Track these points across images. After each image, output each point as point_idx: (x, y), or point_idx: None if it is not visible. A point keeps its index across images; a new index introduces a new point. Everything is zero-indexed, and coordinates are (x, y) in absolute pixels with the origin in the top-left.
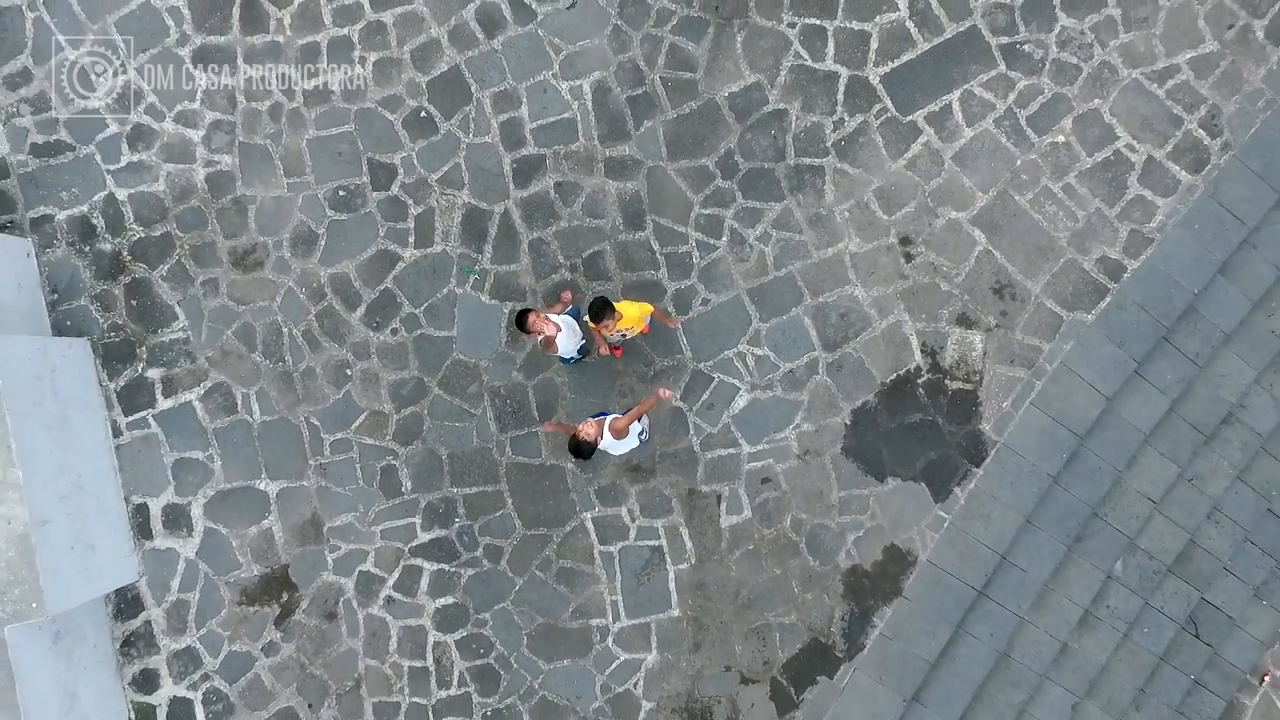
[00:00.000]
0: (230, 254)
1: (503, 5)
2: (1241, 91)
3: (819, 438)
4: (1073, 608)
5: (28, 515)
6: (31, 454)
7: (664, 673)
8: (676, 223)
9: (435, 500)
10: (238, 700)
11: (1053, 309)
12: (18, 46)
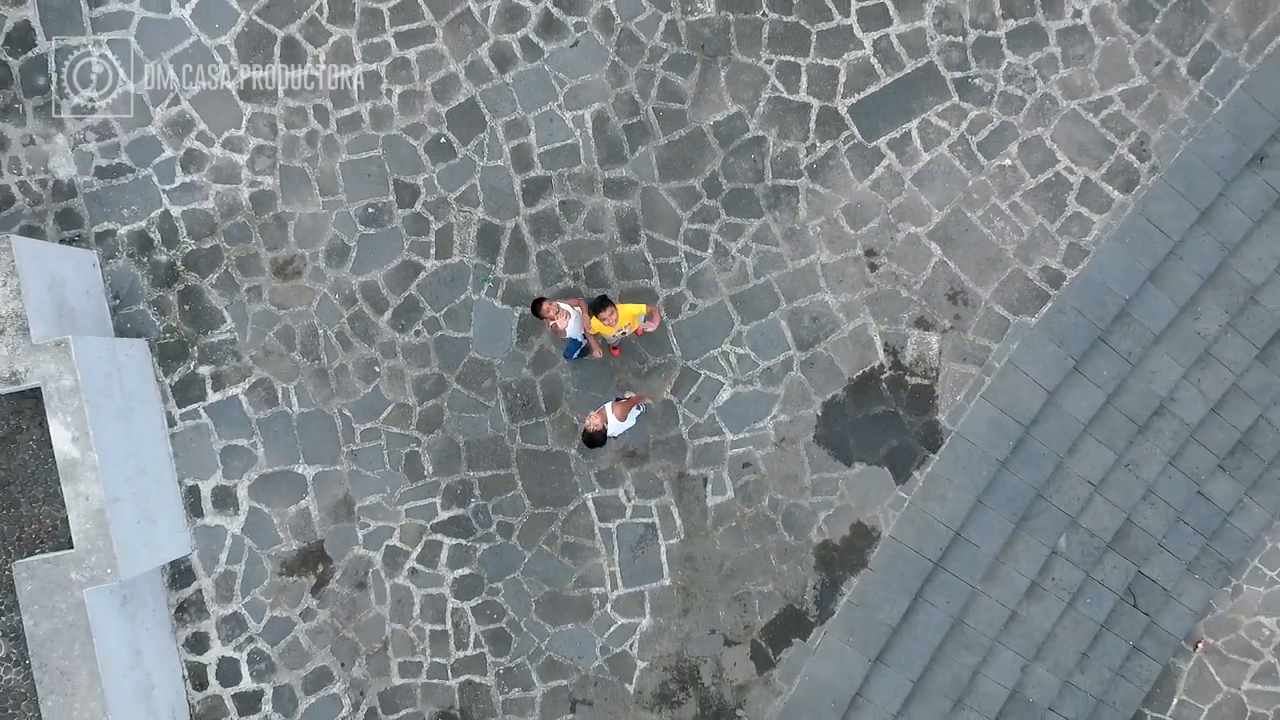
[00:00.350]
0: (272, 264)
1: (513, 44)
2: (1167, 120)
3: (793, 427)
4: (1020, 579)
5: (103, 493)
6: (104, 440)
7: (656, 635)
8: (667, 237)
9: (453, 482)
10: (278, 660)
11: (1000, 313)
12: (85, 80)
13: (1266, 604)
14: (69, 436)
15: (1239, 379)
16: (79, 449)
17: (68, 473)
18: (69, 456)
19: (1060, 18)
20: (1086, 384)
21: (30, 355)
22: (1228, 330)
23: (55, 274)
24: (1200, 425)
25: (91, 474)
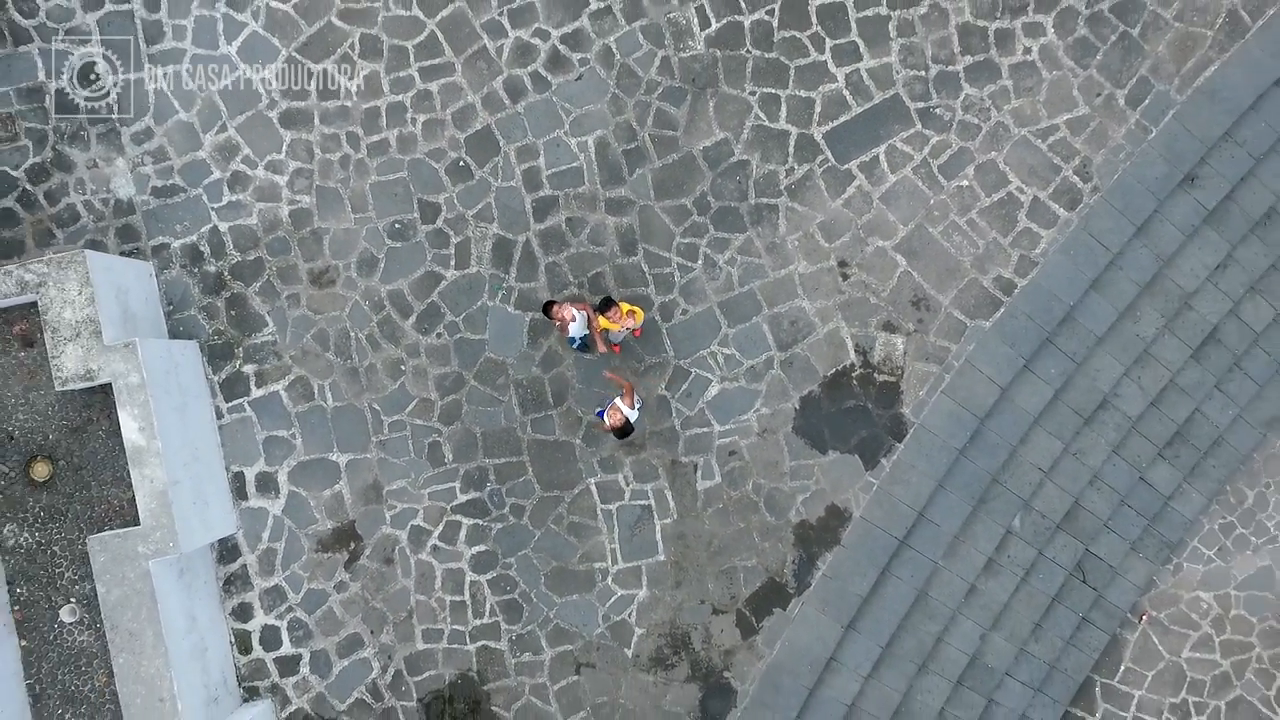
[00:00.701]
0: (309, 274)
1: (524, 77)
2: (1107, 146)
3: (774, 419)
4: (978, 556)
5: (165, 477)
6: (165, 430)
7: (652, 605)
8: (661, 249)
9: (471, 469)
10: (315, 628)
11: (959, 317)
12: (143, 109)
13: (1204, 580)
14: (136, 427)
15: (1175, 376)
16: (145, 438)
17: (135, 458)
18: (136, 444)
19: (1012, 54)
20: (1036, 381)
21: (102, 355)
22: (1164, 333)
23: (120, 283)
24: (1140, 418)
25: (155, 460)
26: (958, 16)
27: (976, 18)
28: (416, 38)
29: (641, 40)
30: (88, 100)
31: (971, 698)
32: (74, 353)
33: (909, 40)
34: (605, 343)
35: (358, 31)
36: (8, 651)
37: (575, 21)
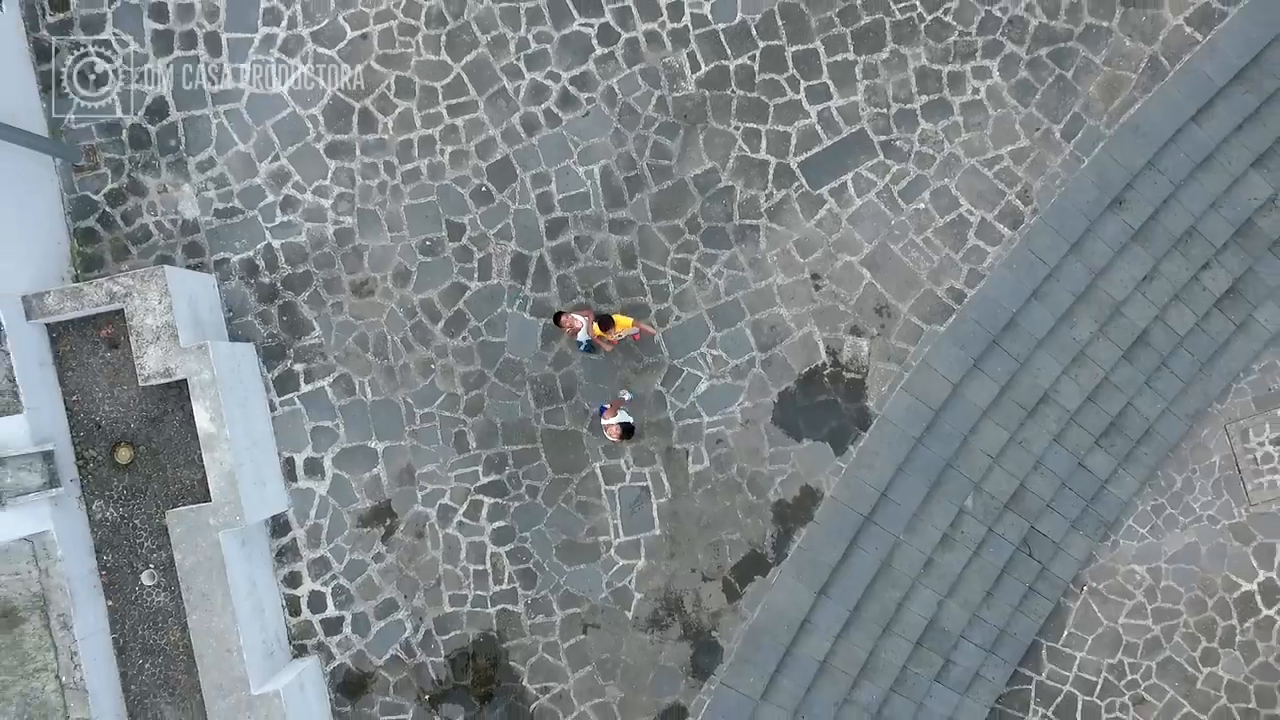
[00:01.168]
0: (350, 285)
1: (539, 114)
2: (1045, 173)
3: (755, 411)
4: (935, 531)
5: (232, 459)
6: (231, 420)
7: (649, 573)
8: (658, 264)
9: (492, 454)
10: (355, 593)
11: (916, 323)
12: (206, 141)
13: (1138, 555)
14: (208, 417)
15: (1109, 374)
16: (215, 426)
17: (207, 444)
18: (208, 432)
19: (962, 94)
20: (984, 378)
21: (179, 356)
22: (1098, 336)
23: (190, 294)
24: (1078, 411)
25: (224, 445)
26: (915, 61)
27: (931, 62)
28: (444, 79)
29: (640, 82)
30: (159, 134)
31: (930, 657)
32: (155, 353)
33: (873, 82)
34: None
35: (393, 74)
36: (97, 610)
37: (583, 65)
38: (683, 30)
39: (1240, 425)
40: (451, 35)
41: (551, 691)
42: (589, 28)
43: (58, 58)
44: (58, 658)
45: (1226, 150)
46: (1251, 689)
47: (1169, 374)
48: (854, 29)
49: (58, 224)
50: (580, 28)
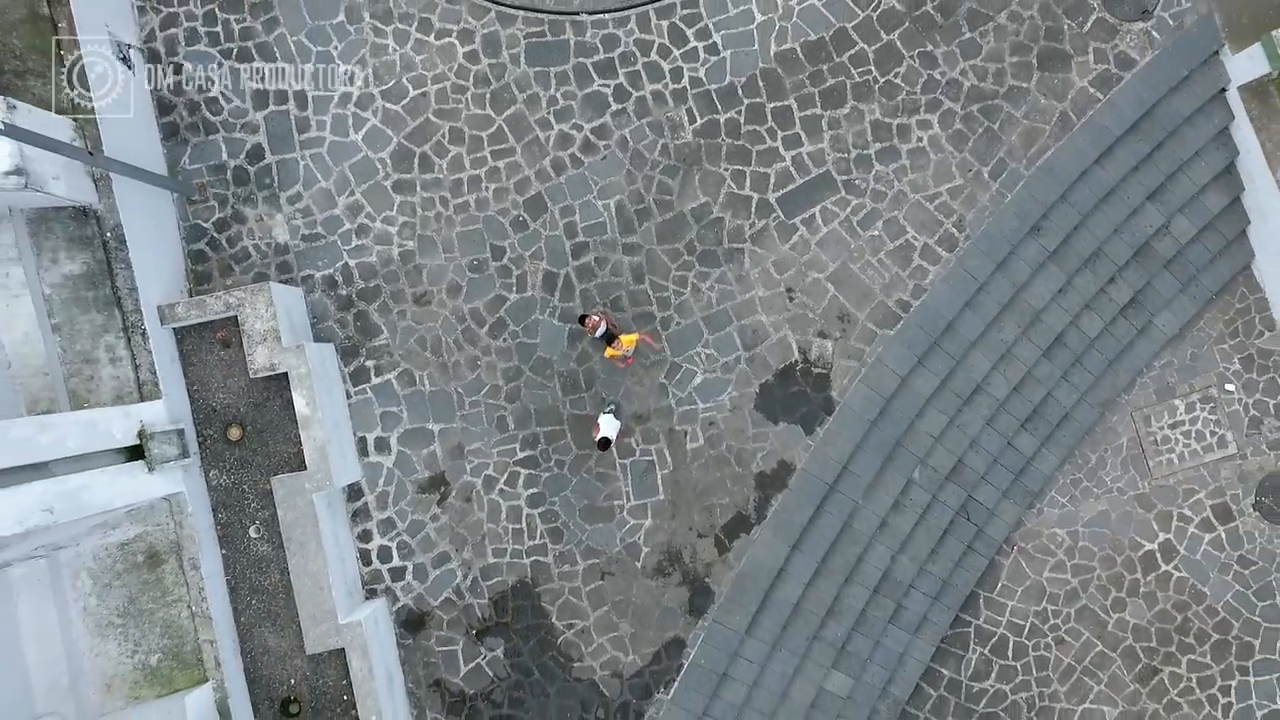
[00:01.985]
0: (412, 296)
1: (565, 158)
2: (976, 206)
3: (741, 400)
4: (888, 498)
5: (323, 437)
6: (321, 405)
7: (654, 531)
8: (662, 279)
9: (527, 434)
10: (415, 547)
11: (871, 328)
12: (295, 180)
13: (1059, 520)
14: (304, 402)
15: (1031, 370)
16: (310, 410)
17: (304, 424)
18: (304, 414)
19: (909, 142)
20: (927, 373)
21: (281, 354)
22: (1021, 338)
23: (287, 304)
24: (1006, 400)
25: (317, 425)
26: (870, 115)
27: (884, 116)
28: (489, 129)
29: (648, 132)
30: (256, 174)
31: (885, 602)
32: (263, 352)
33: (836, 132)
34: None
35: (447, 125)
36: (215, 556)
37: (601, 118)
38: (682, 90)
39: (1144, 412)
40: (494, 94)
41: (575, 627)
42: (606, 88)
43: (175, 111)
44: (189, 592)
45: (1125, 187)
46: (1153, 630)
47: (1083, 370)
48: (821, 89)
49: (176, 247)
50: (599, 88)
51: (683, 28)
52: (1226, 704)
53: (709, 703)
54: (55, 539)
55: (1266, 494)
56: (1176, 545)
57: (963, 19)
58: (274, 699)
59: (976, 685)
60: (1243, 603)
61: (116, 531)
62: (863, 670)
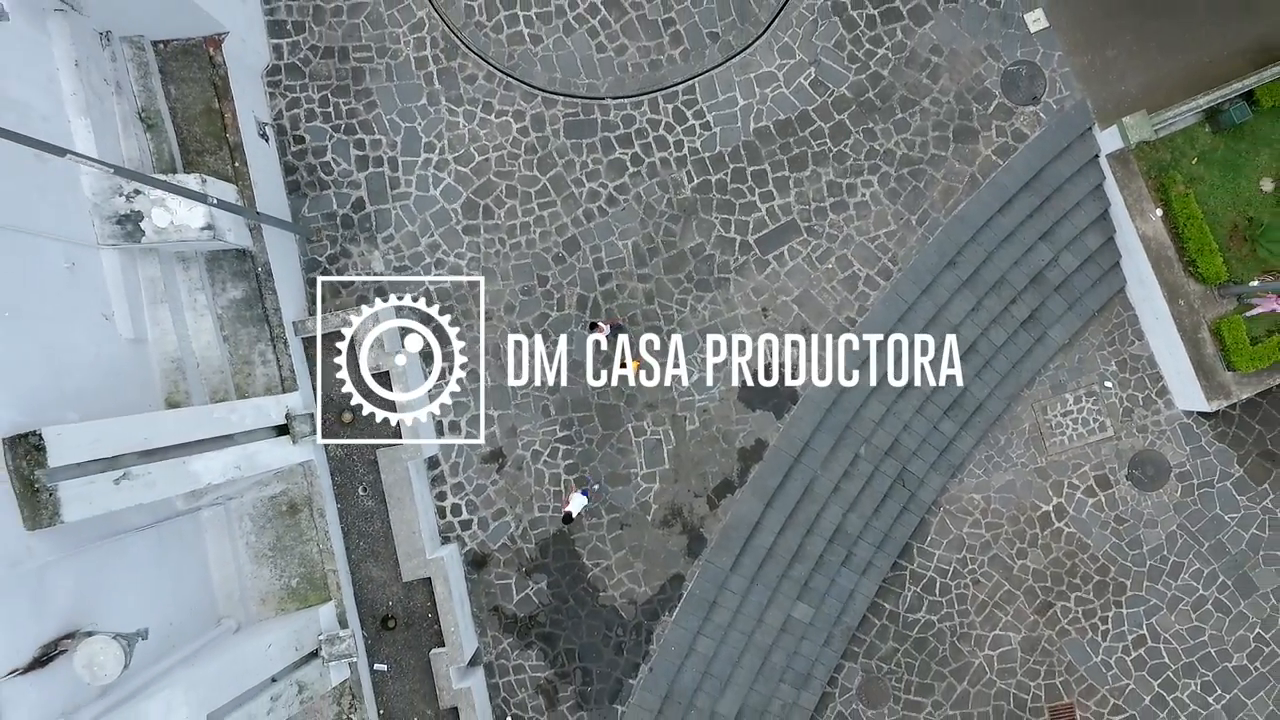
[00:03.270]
0: (477, 313)
1: (594, 209)
2: (906, 246)
3: (727, 393)
4: (839, 468)
5: (414, 416)
6: (412, 395)
7: (662, 493)
8: (667, 301)
9: (565, 418)
10: (480, 504)
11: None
12: (388, 225)
13: (975, 488)
14: (401, 389)
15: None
16: (405, 396)
17: (402, 407)
18: (401, 400)
19: (855, 197)
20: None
21: (384, 357)
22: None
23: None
24: (932, 393)
25: (410, 407)
26: (826, 176)
27: (836, 177)
28: (536, 187)
29: (656, 190)
30: (360, 220)
31: (839, 550)
32: (371, 356)
33: (800, 189)
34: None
35: (504, 183)
36: (333, 509)
37: (621, 179)
38: (682, 157)
39: (1041, 404)
40: (541, 159)
41: (600, 565)
42: (625, 155)
43: (297, 172)
44: (317, 534)
45: (1021, 230)
46: (1048, 574)
47: (992, 370)
48: (788, 157)
49: (298, 276)
50: (620, 155)
51: (683, 109)
52: (1105, 630)
53: (702, 624)
54: (230, 491)
55: (1136, 468)
56: (1066, 507)
57: (896, 103)
58: (376, 616)
59: (911, 616)
60: (1117, 552)
61: (268, 488)
62: (821, 602)
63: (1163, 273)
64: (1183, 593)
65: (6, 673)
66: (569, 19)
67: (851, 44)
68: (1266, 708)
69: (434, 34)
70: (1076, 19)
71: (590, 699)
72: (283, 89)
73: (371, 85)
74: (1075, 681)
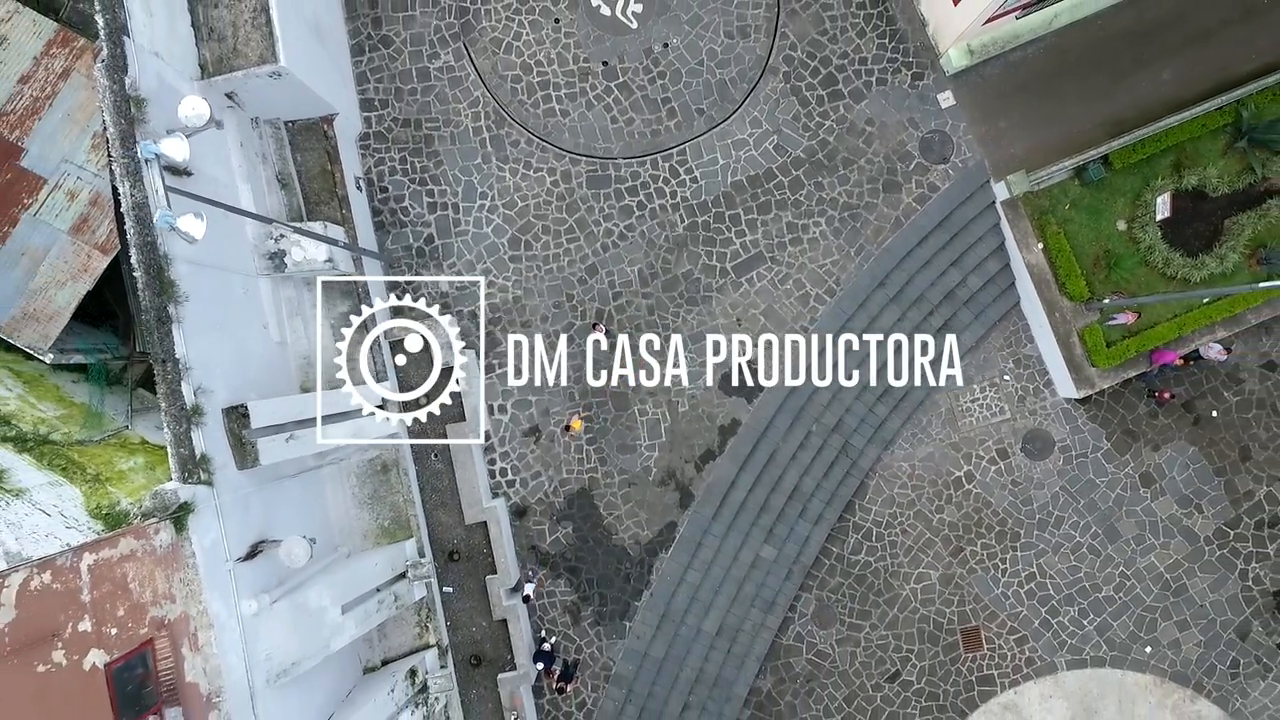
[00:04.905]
0: (519, 323)
1: (609, 242)
2: (847, 271)
3: (710, 384)
4: (796, 440)
5: (476, 403)
6: (473, 385)
7: (660, 459)
8: (664, 314)
9: (585, 401)
10: (521, 468)
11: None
12: (451, 255)
13: (904, 457)
14: (465, 377)
15: (884, 365)
16: (466, 388)
17: (465, 397)
18: (464, 390)
19: (808, 234)
20: (828, 364)
21: (455, 357)
22: (877, 348)
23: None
24: (869, 383)
25: (470, 396)
26: (785, 219)
27: (794, 219)
28: (565, 226)
29: (656, 228)
30: (429, 251)
31: (796, 505)
32: (444, 355)
33: (765, 229)
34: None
35: (540, 223)
36: (413, 470)
37: (629, 220)
38: (676, 204)
39: (954, 393)
40: (568, 205)
41: (613, 514)
42: (633, 201)
43: (382, 214)
44: (403, 487)
45: (935, 259)
46: (959, 525)
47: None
48: (757, 204)
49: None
50: (629, 201)
51: (677, 167)
52: (1004, 569)
53: (690, 560)
54: (343, 454)
55: (1028, 442)
56: (974, 473)
57: (839, 163)
58: (444, 550)
59: (853, 557)
60: (1013, 508)
61: (368, 452)
62: (782, 545)
63: (1043, 292)
64: (1063, 539)
65: (236, 559)
66: (590, 97)
67: (805, 117)
68: (1128, 628)
69: (486, 109)
70: (977, 99)
71: (605, 617)
72: (371, 151)
73: (439, 148)
74: (980, 609)
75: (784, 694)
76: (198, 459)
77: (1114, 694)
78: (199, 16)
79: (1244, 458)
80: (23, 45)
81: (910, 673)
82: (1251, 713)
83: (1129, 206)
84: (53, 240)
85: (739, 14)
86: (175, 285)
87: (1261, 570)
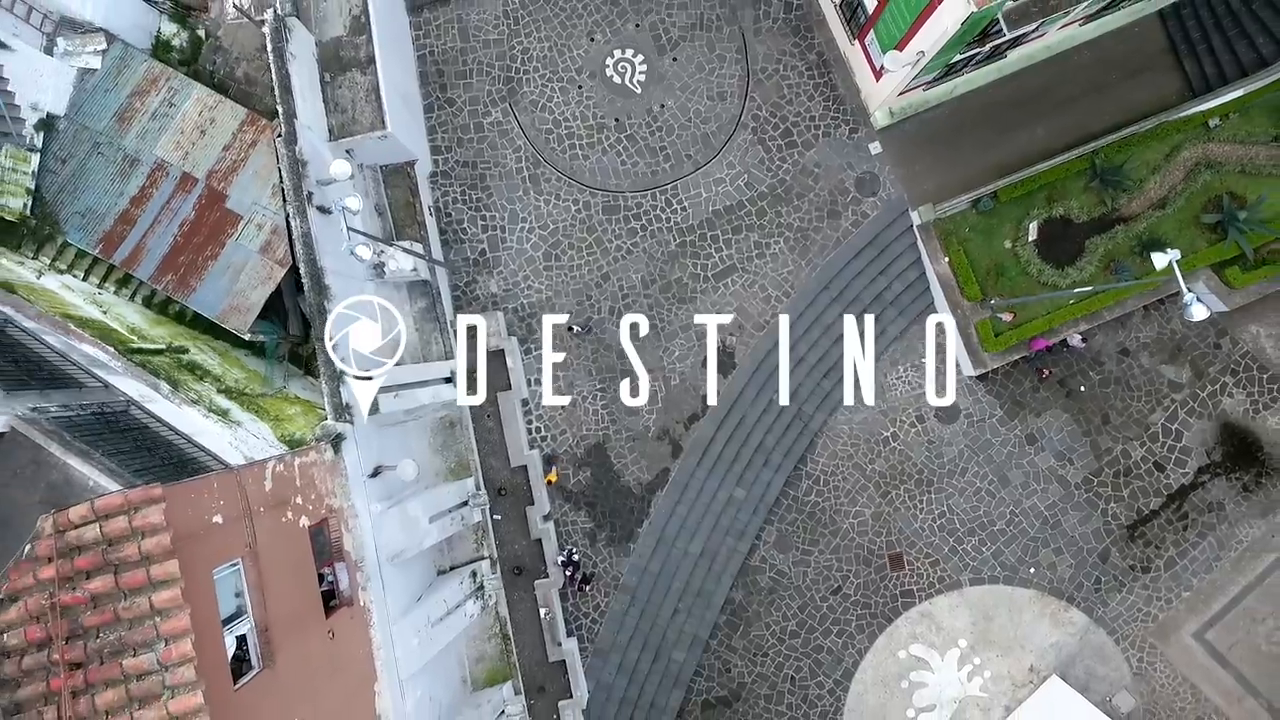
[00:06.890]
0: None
1: (618, 256)
2: (799, 279)
3: (696, 364)
4: (761, 407)
5: (518, 376)
6: (515, 364)
7: (656, 420)
8: (660, 310)
9: (600, 377)
10: (551, 426)
11: (753, 331)
12: (500, 265)
13: (845, 422)
14: (510, 364)
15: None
16: (514, 363)
17: (511, 371)
18: (511, 366)
19: (770, 250)
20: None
21: (502, 341)
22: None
23: (499, 321)
24: (816, 364)
25: (516, 371)
26: (752, 238)
27: (760, 238)
28: (585, 244)
29: (655, 245)
30: (484, 262)
31: (761, 456)
32: (494, 341)
33: (738, 246)
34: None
35: (566, 241)
36: (472, 426)
37: (634, 239)
38: (670, 227)
39: (884, 371)
40: (588, 227)
41: (621, 462)
42: (636, 224)
43: (447, 233)
44: (466, 439)
45: (868, 269)
46: (887, 474)
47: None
48: (732, 226)
49: (449, 296)
50: (633, 224)
51: (670, 199)
52: (921, 508)
53: (680, 497)
54: (424, 413)
55: (940, 412)
56: (899, 434)
57: (794, 196)
58: (494, 487)
59: (805, 498)
60: (930, 460)
61: (441, 411)
62: (750, 488)
63: (949, 295)
64: (967, 485)
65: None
66: (604, 145)
67: (768, 161)
68: (1016, 554)
69: (526, 154)
70: (899, 149)
71: (614, 540)
72: (439, 185)
73: (490, 184)
74: (903, 539)
75: (751, 603)
76: (343, 405)
77: (1005, 604)
78: (328, 95)
79: (1105, 422)
80: (225, 125)
81: (849, 588)
82: (1110, 618)
83: (1013, 230)
84: (247, 258)
85: (718, 83)
86: (329, 288)
87: (1118, 509)
